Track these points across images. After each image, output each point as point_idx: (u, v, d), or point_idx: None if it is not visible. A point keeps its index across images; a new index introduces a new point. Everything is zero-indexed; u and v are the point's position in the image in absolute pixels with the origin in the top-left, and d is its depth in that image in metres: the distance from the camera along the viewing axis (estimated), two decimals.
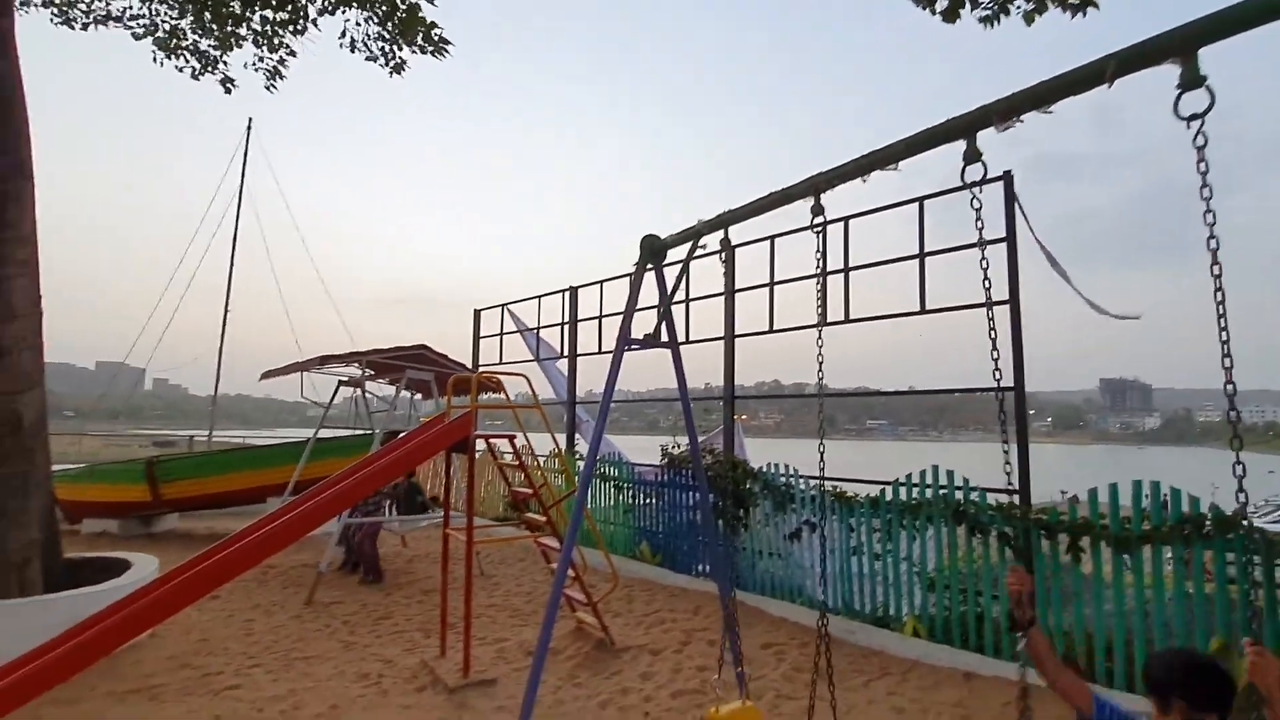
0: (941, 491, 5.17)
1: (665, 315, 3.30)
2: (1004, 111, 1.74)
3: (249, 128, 17.81)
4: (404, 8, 7.20)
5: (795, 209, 2.68)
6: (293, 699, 4.26)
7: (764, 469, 6.59)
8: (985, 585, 4.85)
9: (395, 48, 7.49)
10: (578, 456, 9.97)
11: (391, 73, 8.13)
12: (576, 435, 10.92)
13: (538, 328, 13.09)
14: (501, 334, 13.92)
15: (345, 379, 8.72)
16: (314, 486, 4.33)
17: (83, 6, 7.53)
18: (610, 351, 11.21)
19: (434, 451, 4.50)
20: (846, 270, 6.40)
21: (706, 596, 6.57)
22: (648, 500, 8.13)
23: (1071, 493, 4.74)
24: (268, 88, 8.64)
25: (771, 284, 7.32)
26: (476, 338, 14.95)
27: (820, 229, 2.46)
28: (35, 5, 7.37)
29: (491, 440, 5.17)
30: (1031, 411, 5.08)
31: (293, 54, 8.29)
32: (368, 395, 8.96)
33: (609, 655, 5.14)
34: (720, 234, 3.15)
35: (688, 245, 3.10)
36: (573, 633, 5.50)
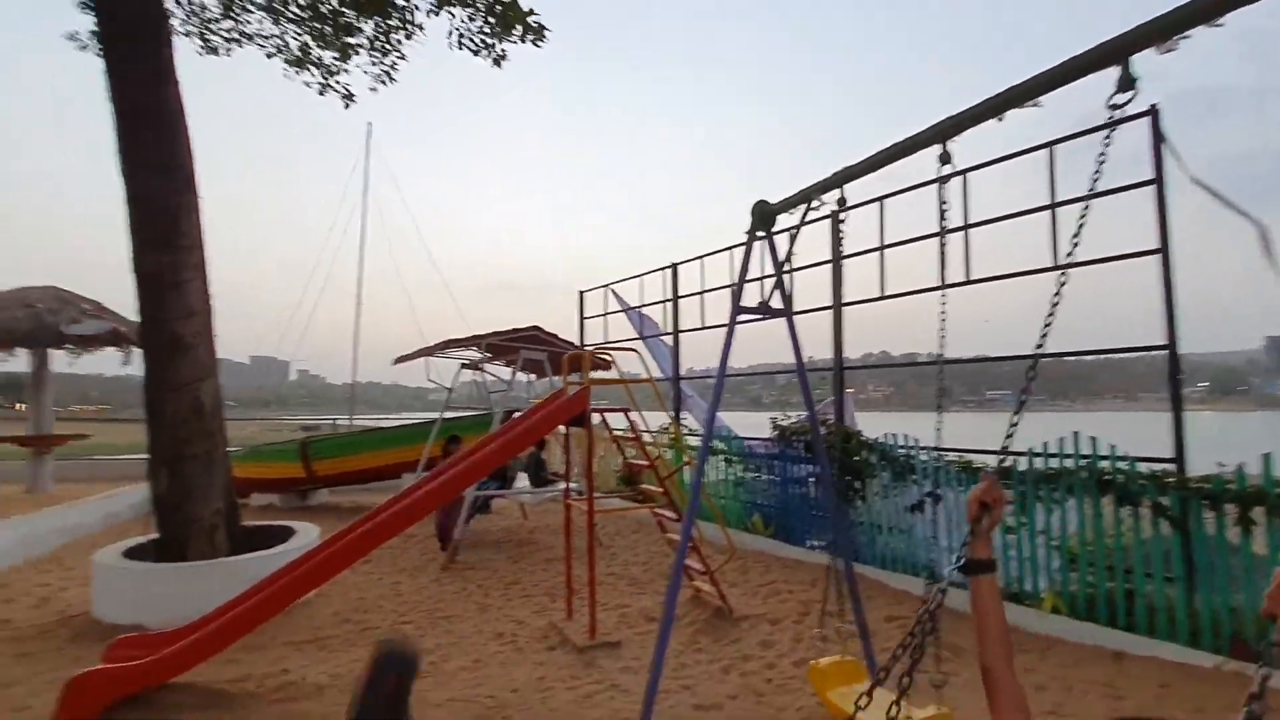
0: (1083, 460, 4.80)
1: (778, 283, 3.26)
2: (1165, 29, 1.57)
3: (369, 134, 19.06)
4: (506, 0, 7.42)
5: (904, 169, 2.56)
6: (439, 652, 4.66)
7: (881, 439, 6.39)
8: (1136, 561, 4.48)
9: (496, 40, 7.75)
10: (686, 432, 10.07)
11: (493, 65, 8.43)
12: (683, 411, 11.03)
13: (640, 306, 13.27)
14: (605, 314, 14.23)
15: (465, 362, 9.27)
16: (445, 461, 4.68)
17: (222, 33, 8.34)
18: (714, 326, 11.12)
19: (553, 426, 4.73)
20: (966, 227, 5.99)
21: (824, 569, 6.49)
22: (759, 473, 8.11)
23: (1234, 464, 4.19)
24: (372, 89, 9.16)
25: (881, 248, 7.00)
26: (582, 318, 15.37)
27: (946, 181, 2.33)
28: (180, 34, 8.24)
29: (606, 414, 5.33)
30: (1182, 375, 4.57)
31: (402, 58, 8.79)
32: (486, 377, 9.47)
33: (728, 623, 5.22)
34: (831, 197, 3.07)
35: (801, 209, 3.03)
36: (691, 600, 5.63)
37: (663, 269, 12.55)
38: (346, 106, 8.98)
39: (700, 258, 11.41)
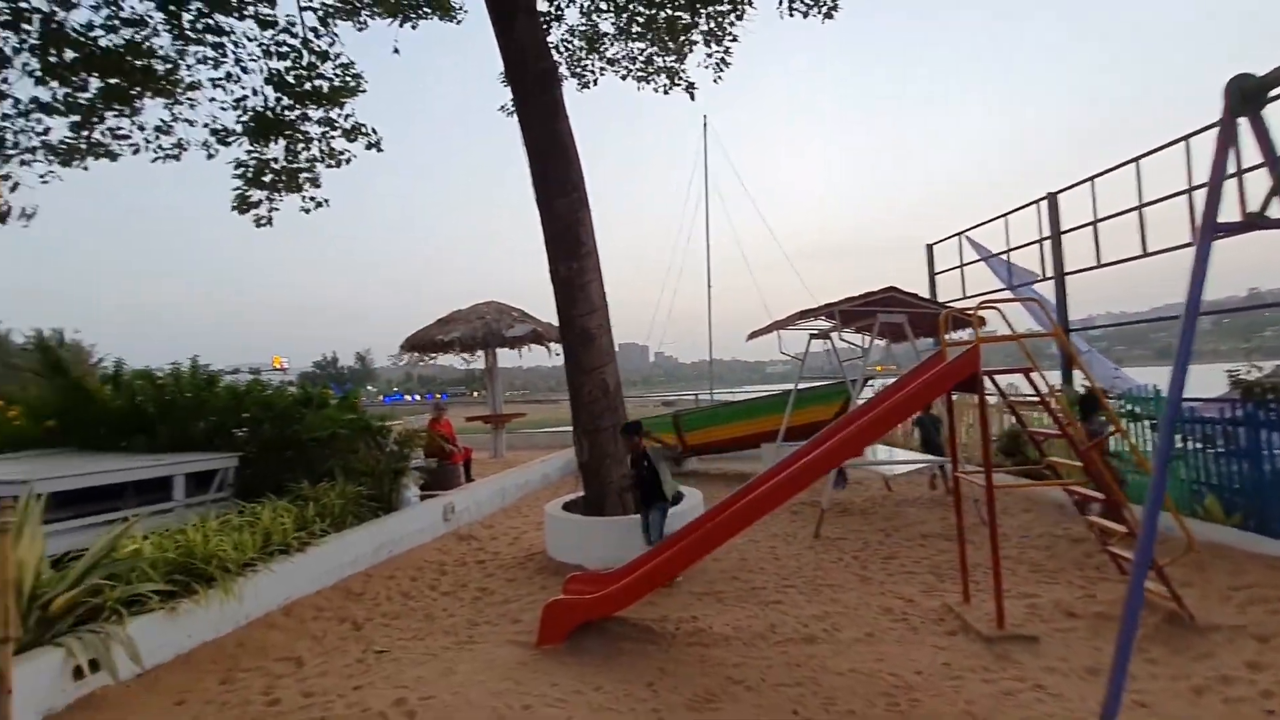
0: None
1: (1278, 183, 2.38)
2: None
3: (705, 126, 20.32)
4: None
5: None
6: (829, 620, 4.71)
7: None
8: None
9: None
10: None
11: (824, 18, 8.10)
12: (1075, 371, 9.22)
13: (1005, 251, 11.51)
14: (960, 266, 12.72)
15: (815, 332, 9.20)
16: (824, 430, 4.66)
17: (591, 67, 9.73)
18: (1116, 262, 9.18)
19: (938, 393, 4.33)
20: None
21: None
22: (1208, 444, 6.28)
23: None
24: (716, 80, 9.69)
25: None
26: (932, 274, 14.01)
27: None
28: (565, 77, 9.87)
29: (996, 377, 4.66)
30: None
31: (735, 40, 9.08)
32: (837, 345, 9.27)
33: (1189, 633, 4.17)
34: None
35: None
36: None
37: (1035, 202, 10.65)
38: (692, 97, 9.71)
39: (1090, 179, 9.34)
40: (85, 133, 8.08)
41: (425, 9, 9.52)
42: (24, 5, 7.20)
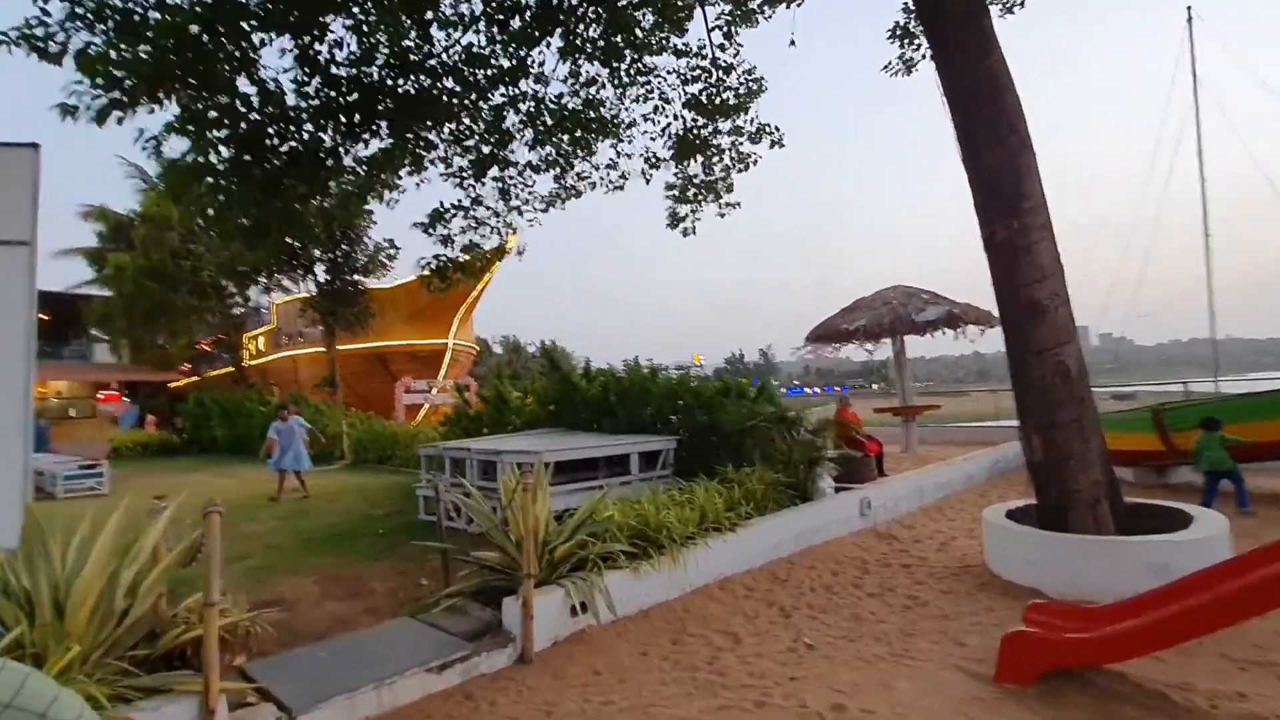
0: None
1: None
2: None
3: (1189, 19, 15.53)
4: None
5: None
6: None
7: None
8: None
9: None
10: None
11: None
12: None
13: None
14: None
15: None
16: None
17: None
18: None
19: None
20: None
21: None
22: None
23: None
24: None
25: None
26: None
27: None
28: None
29: None
30: None
31: None
32: None
33: None
34: None
35: None
36: None
37: None
38: None
39: None
40: (562, 180, 10.22)
41: None
42: (516, 91, 9.43)
